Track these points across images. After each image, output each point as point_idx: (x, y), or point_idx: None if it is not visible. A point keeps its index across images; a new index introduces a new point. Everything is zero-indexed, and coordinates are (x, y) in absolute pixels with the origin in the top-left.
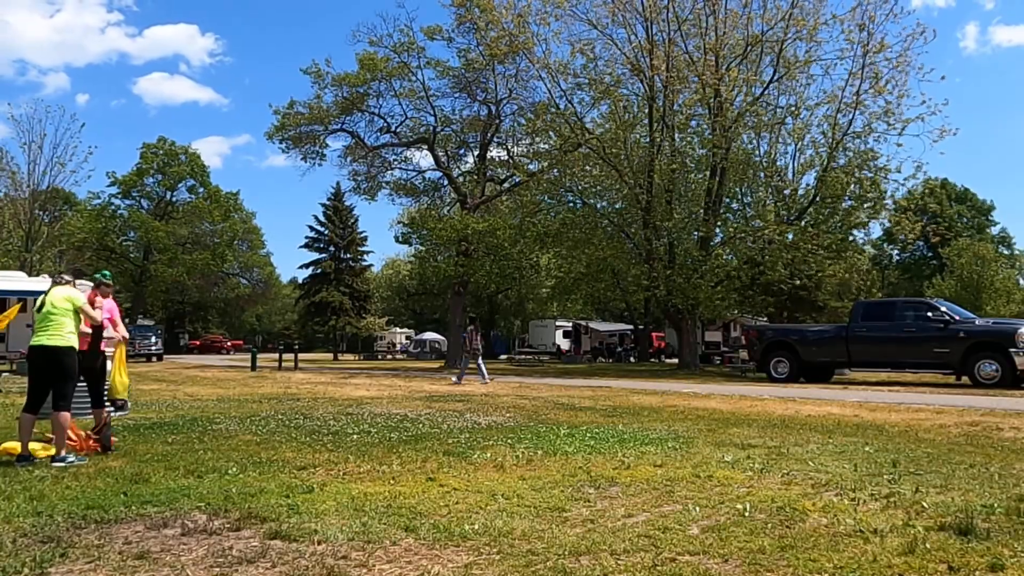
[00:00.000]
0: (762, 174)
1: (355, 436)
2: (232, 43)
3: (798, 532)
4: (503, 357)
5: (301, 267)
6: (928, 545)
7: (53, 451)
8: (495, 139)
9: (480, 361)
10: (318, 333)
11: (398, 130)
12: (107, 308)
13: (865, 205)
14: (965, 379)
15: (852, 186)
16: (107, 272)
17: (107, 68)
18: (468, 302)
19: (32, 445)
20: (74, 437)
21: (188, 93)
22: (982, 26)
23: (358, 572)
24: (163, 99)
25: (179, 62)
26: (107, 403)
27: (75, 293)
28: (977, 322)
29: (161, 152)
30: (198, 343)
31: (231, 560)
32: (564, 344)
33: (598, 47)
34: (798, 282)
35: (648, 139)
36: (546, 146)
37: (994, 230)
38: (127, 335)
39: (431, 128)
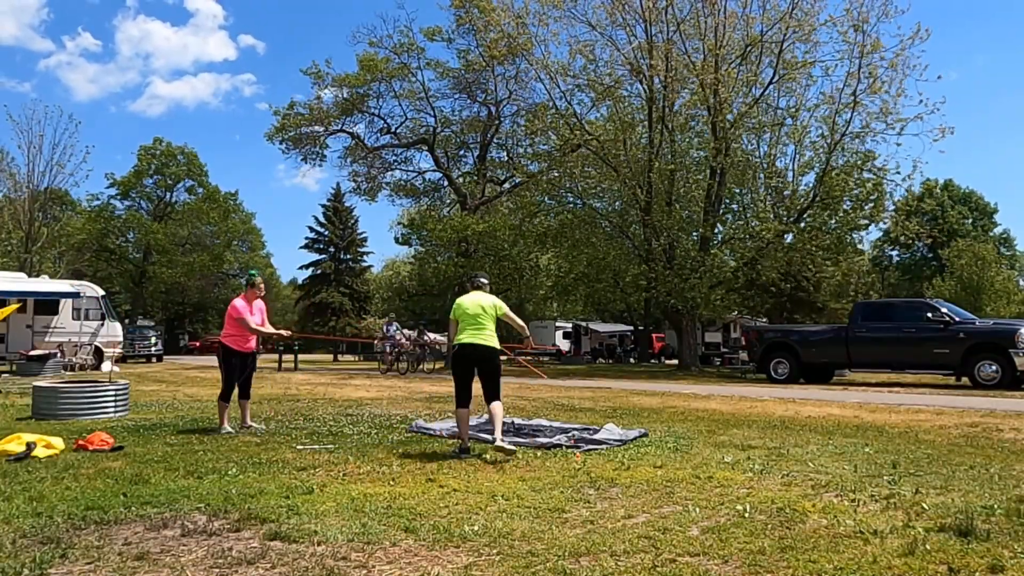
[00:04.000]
0: (762, 175)
1: (355, 437)
2: (247, 47)
3: (798, 533)
4: (502, 358)
5: (301, 268)
6: (928, 546)
7: (54, 451)
8: (495, 140)
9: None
10: (318, 334)
11: (398, 131)
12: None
13: (867, 207)
14: (965, 380)
15: (853, 188)
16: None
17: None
18: None
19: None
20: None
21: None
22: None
23: (358, 573)
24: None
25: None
26: None
27: None
28: (977, 323)
29: (158, 152)
30: (198, 344)
31: (231, 561)
32: (564, 345)
33: (597, 48)
34: (791, 285)
35: (647, 140)
36: (546, 147)
37: (996, 231)
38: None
39: (431, 129)
